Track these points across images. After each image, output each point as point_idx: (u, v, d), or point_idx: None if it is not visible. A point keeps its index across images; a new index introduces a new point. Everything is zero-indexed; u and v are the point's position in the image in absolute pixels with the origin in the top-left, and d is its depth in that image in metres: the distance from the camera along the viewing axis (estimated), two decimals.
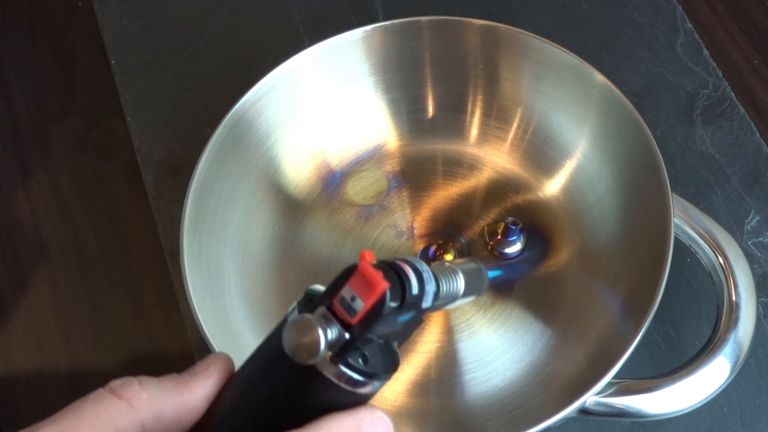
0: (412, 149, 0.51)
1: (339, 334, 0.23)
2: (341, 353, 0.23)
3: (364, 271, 0.23)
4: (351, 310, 0.23)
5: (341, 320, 0.23)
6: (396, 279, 0.25)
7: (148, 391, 0.24)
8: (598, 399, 0.38)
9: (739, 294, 0.40)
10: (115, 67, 0.59)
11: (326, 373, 0.23)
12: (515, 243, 0.47)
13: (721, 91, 0.55)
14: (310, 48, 0.47)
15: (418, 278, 0.26)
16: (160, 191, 0.54)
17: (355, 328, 0.23)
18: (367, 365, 0.24)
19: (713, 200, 0.51)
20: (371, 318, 0.23)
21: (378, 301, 0.23)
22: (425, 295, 0.26)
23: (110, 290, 0.52)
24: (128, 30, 0.60)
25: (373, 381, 0.24)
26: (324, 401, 0.24)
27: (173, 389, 0.25)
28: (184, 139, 0.55)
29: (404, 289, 0.25)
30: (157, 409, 0.24)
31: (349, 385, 0.23)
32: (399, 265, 0.25)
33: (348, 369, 0.23)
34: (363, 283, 0.23)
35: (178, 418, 0.25)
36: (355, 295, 0.23)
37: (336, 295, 0.23)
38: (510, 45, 0.47)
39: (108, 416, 0.24)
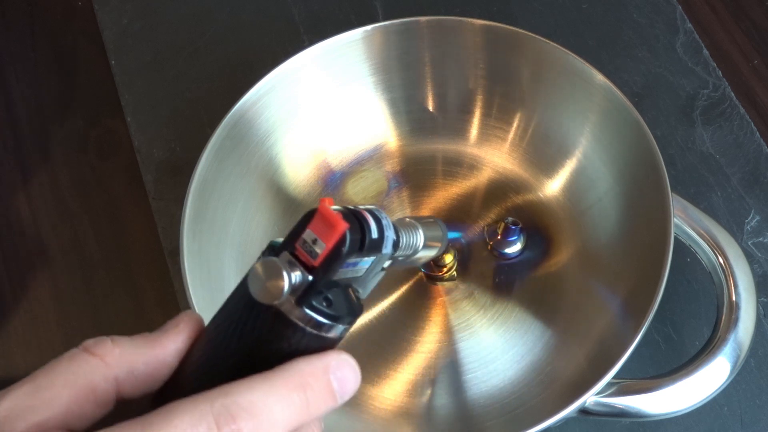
0: (412, 149, 0.51)
1: (302, 277, 0.24)
2: (305, 296, 0.24)
3: (324, 213, 0.24)
4: (312, 252, 0.24)
5: (304, 264, 0.24)
6: (356, 222, 0.25)
7: (121, 347, 0.25)
8: (598, 399, 0.38)
9: (739, 294, 0.40)
10: (115, 67, 0.59)
11: (291, 317, 0.24)
12: (515, 243, 0.47)
13: (721, 91, 0.55)
14: (310, 48, 0.47)
15: (377, 224, 0.26)
16: (160, 191, 0.54)
17: (318, 270, 0.24)
18: (331, 308, 0.24)
19: (713, 200, 0.51)
20: (333, 259, 0.24)
21: (338, 242, 0.24)
22: (385, 240, 0.27)
23: (110, 290, 0.52)
24: (128, 30, 0.60)
25: (337, 324, 0.25)
26: (291, 346, 0.24)
27: (145, 345, 0.25)
28: (184, 139, 0.55)
29: (363, 232, 0.25)
30: (130, 365, 0.25)
31: (315, 328, 0.24)
32: (358, 211, 0.26)
33: (312, 311, 0.24)
34: (323, 225, 0.24)
35: (150, 372, 0.25)
36: (317, 238, 0.24)
37: (298, 240, 0.24)
38: (510, 45, 0.47)
39: (82, 372, 0.24)
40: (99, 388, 0.24)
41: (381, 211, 0.27)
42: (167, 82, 0.58)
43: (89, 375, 0.24)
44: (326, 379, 0.24)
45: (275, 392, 0.23)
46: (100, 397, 0.24)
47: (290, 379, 0.24)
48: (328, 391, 0.24)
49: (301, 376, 0.24)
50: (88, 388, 0.24)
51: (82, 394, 0.24)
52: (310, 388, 0.24)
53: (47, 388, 0.24)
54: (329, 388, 0.24)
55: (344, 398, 0.25)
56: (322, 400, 0.24)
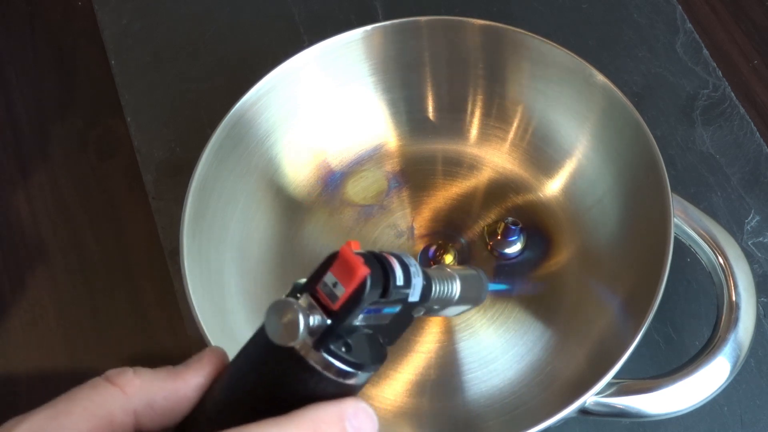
0: (412, 149, 0.51)
1: (321, 320, 0.23)
2: (323, 339, 0.23)
3: (345, 257, 0.24)
4: (332, 295, 0.24)
5: (324, 307, 0.24)
6: (378, 267, 0.25)
7: (142, 378, 0.25)
8: (598, 399, 0.38)
9: (739, 294, 0.40)
10: (115, 67, 0.59)
11: (309, 360, 0.23)
12: (515, 243, 0.47)
13: (721, 91, 0.55)
14: (310, 48, 0.47)
15: (404, 270, 0.26)
16: (160, 191, 0.54)
17: (337, 314, 0.24)
18: (350, 354, 0.24)
19: (713, 200, 0.51)
20: (352, 303, 0.24)
21: (359, 287, 0.24)
22: (412, 289, 0.26)
23: (110, 290, 0.52)
24: (128, 30, 0.60)
25: (356, 371, 0.24)
26: (308, 390, 0.24)
27: (166, 378, 0.25)
28: (184, 139, 0.55)
29: (387, 278, 0.25)
30: (150, 397, 0.25)
31: (332, 374, 0.24)
32: (383, 255, 0.26)
33: (330, 356, 0.24)
34: (344, 269, 0.24)
35: (170, 406, 0.25)
36: (337, 281, 0.24)
37: (319, 282, 0.24)
38: (510, 45, 0.47)
39: (101, 402, 0.24)
40: (117, 419, 0.24)
41: (410, 258, 0.27)
42: (167, 82, 0.58)
43: (108, 405, 0.24)
44: (341, 427, 0.24)
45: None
46: (118, 428, 0.24)
47: (302, 425, 0.23)
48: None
49: (314, 422, 0.24)
50: (106, 418, 0.24)
51: (101, 423, 0.24)
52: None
53: (66, 415, 0.24)
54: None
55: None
56: None
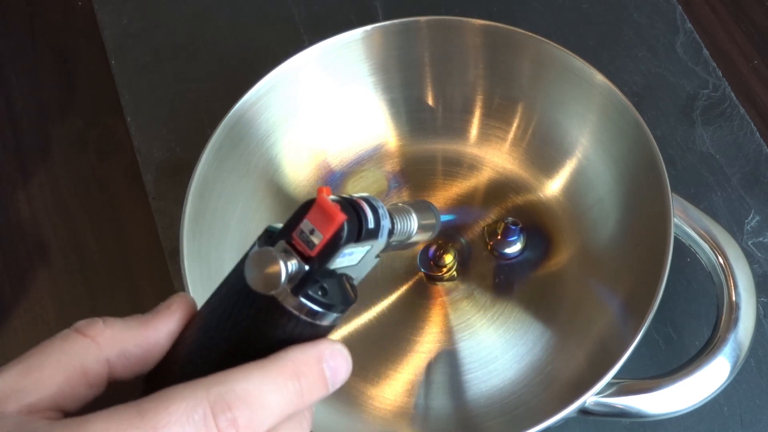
0: (412, 149, 0.51)
1: (299, 267, 0.24)
2: (301, 285, 0.24)
3: (323, 204, 0.24)
4: (310, 242, 0.24)
5: (300, 253, 0.24)
6: (353, 212, 0.25)
7: (113, 328, 0.25)
8: (598, 399, 0.38)
9: (739, 294, 0.40)
10: (115, 67, 0.59)
11: (287, 305, 0.24)
12: (515, 243, 0.47)
13: (721, 91, 0.55)
14: (310, 48, 0.47)
15: (374, 213, 0.26)
16: (160, 191, 0.54)
17: (314, 260, 0.24)
18: (326, 297, 0.25)
19: (713, 200, 0.51)
20: (329, 249, 0.24)
21: (336, 233, 0.24)
22: (381, 229, 0.27)
23: (110, 290, 0.52)
24: (128, 30, 0.60)
25: (331, 312, 0.25)
26: (285, 334, 0.24)
27: (137, 326, 0.25)
28: (184, 139, 0.55)
29: (360, 222, 0.25)
30: (122, 346, 0.25)
31: (309, 317, 0.24)
32: (355, 200, 0.26)
33: (308, 300, 0.24)
34: (321, 216, 0.24)
35: (142, 353, 0.25)
36: (314, 228, 0.24)
37: (295, 229, 0.24)
38: (510, 45, 0.47)
39: (74, 353, 0.24)
40: (91, 370, 0.24)
41: (377, 200, 0.27)
42: (167, 82, 0.58)
43: (81, 356, 0.24)
44: (319, 368, 0.25)
45: (270, 381, 0.23)
46: (92, 378, 0.24)
47: (285, 368, 0.24)
48: (321, 380, 0.25)
49: (295, 365, 0.24)
50: (80, 369, 0.24)
51: (74, 375, 0.24)
52: (304, 377, 0.24)
53: (39, 369, 0.24)
54: (322, 377, 0.25)
55: (335, 387, 0.25)
56: (315, 388, 0.25)
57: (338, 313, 0.25)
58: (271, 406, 0.23)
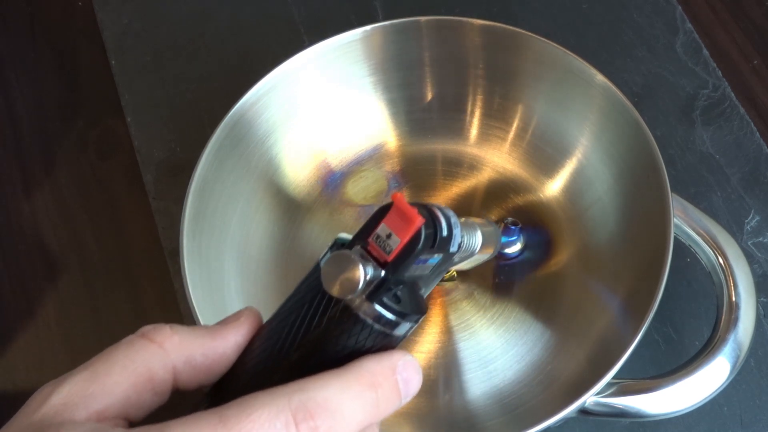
0: (412, 149, 0.51)
1: (375, 272, 0.23)
2: (376, 291, 0.23)
3: (402, 207, 0.24)
4: (386, 247, 0.24)
5: (376, 259, 0.24)
6: (429, 218, 0.25)
7: (180, 335, 0.24)
8: (598, 399, 0.38)
9: (739, 294, 0.40)
10: (115, 67, 0.59)
11: (360, 313, 0.23)
12: (515, 243, 0.47)
13: (721, 91, 0.55)
14: (310, 48, 0.47)
15: (447, 221, 0.26)
16: (160, 191, 0.54)
17: (391, 266, 0.24)
18: (400, 305, 0.24)
19: (713, 200, 0.51)
20: (407, 254, 0.24)
21: (414, 236, 0.24)
22: (453, 238, 0.26)
23: (110, 290, 0.52)
24: (128, 30, 0.60)
25: (404, 321, 0.24)
26: (357, 343, 0.24)
27: (205, 335, 0.25)
28: (184, 139, 0.55)
29: (436, 228, 0.25)
30: (189, 354, 0.24)
31: (383, 325, 0.24)
32: (430, 207, 0.26)
33: (383, 308, 0.24)
34: (399, 219, 0.24)
35: (209, 364, 0.25)
36: (391, 232, 0.24)
37: (371, 234, 0.24)
38: (510, 45, 0.47)
39: (140, 359, 0.24)
40: (157, 376, 0.24)
41: (448, 209, 0.27)
42: (167, 82, 0.58)
43: (148, 362, 0.24)
44: (394, 380, 0.24)
45: (349, 390, 0.23)
46: (158, 385, 0.24)
47: (362, 378, 0.23)
48: (395, 391, 0.24)
49: (372, 375, 0.24)
50: (146, 375, 0.23)
51: (141, 381, 0.23)
52: (381, 388, 0.24)
53: (106, 375, 0.23)
54: (396, 389, 0.24)
55: (408, 399, 0.25)
56: (390, 400, 0.24)
57: (412, 323, 0.25)
58: (350, 416, 0.23)
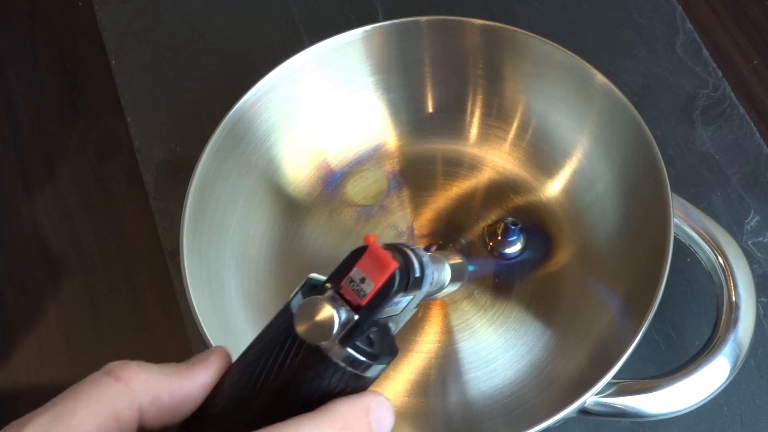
0: (412, 149, 0.51)
1: (348, 316, 0.23)
2: (349, 335, 0.23)
3: (376, 252, 0.24)
4: (360, 291, 0.24)
5: (349, 302, 0.24)
6: (402, 260, 0.25)
7: (147, 373, 0.24)
8: (598, 399, 0.38)
9: (739, 294, 0.40)
10: (115, 67, 0.59)
11: (332, 356, 0.23)
12: (515, 243, 0.47)
13: (721, 91, 0.55)
14: (310, 48, 0.47)
15: (419, 261, 0.26)
16: (160, 191, 0.54)
17: (364, 310, 0.23)
18: (372, 348, 0.24)
19: (713, 200, 0.51)
20: (381, 298, 0.24)
21: (388, 280, 0.24)
22: (425, 278, 0.27)
23: (110, 290, 0.52)
24: (128, 30, 0.60)
25: (377, 364, 0.24)
26: (330, 385, 0.24)
27: (172, 374, 0.25)
28: (184, 139, 0.55)
29: (409, 270, 0.25)
30: (156, 393, 0.24)
31: (355, 368, 0.24)
32: (401, 248, 0.26)
33: (356, 351, 0.24)
34: (373, 263, 0.24)
35: (175, 404, 0.24)
36: (365, 276, 0.24)
37: (344, 278, 0.24)
38: (510, 45, 0.47)
39: (106, 398, 0.23)
40: (123, 416, 0.23)
41: (419, 248, 0.27)
42: (167, 82, 0.58)
43: (113, 401, 0.23)
44: (367, 421, 0.24)
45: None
46: (124, 424, 0.23)
47: (335, 421, 0.23)
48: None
49: (345, 418, 0.24)
50: (112, 415, 0.23)
51: (106, 421, 0.23)
52: (353, 430, 0.24)
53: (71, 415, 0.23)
54: (370, 430, 0.24)
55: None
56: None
57: (384, 364, 0.25)
58: None
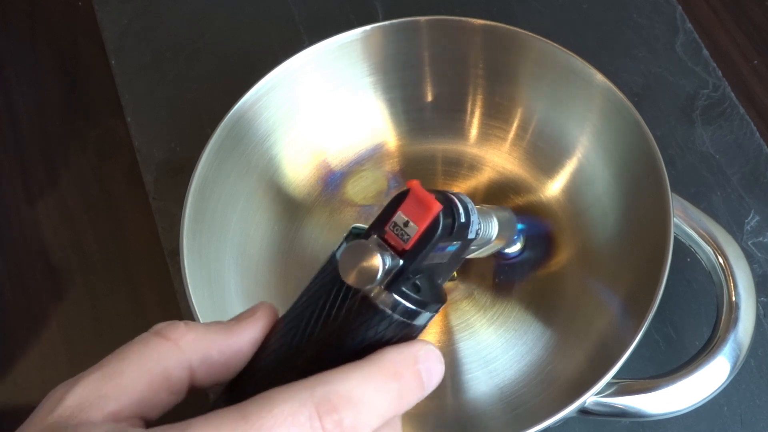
0: (412, 149, 0.51)
1: (393, 261, 0.23)
2: (395, 281, 0.23)
3: (418, 194, 0.23)
4: (404, 235, 0.23)
5: (393, 248, 0.23)
6: (447, 204, 0.24)
7: (195, 332, 0.24)
8: (598, 399, 0.38)
9: (739, 294, 0.40)
10: (115, 67, 0.59)
11: (379, 303, 0.23)
12: (515, 243, 0.47)
13: (721, 91, 0.55)
14: (309, 48, 0.47)
15: (464, 208, 0.25)
16: (160, 191, 0.54)
17: (409, 254, 0.23)
18: (419, 294, 0.24)
19: (713, 200, 0.51)
20: (425, 241, 0.23)
21: (433, 222, 0.23)
22: (471, 225, 0.26)
23: (110, 290, 0.52)
24: (128, 30, 0.60)
25: (424, 311, 0.24)
26: (377, 333, 0.23)
27: (220, 332, 0.24)
28: (184, 139, 0.55)
29: (453, 215, 0.25)
30: (205, 351, 0.24)
31: (403, 315, 0.23)
32: (446, 193, 0.25)
33: (402, 298, 0.23)
34: (416, 206, 0.23)
35: (225, 360, 0.24)
36: (408, 220, 0.23)
37: (388, 222, 0.23)
38: (510, 45, 0.47)
39: (155, 357, 0.23)
40: (173, 375, 0.23)
41: (465, 196, 0.26)
42: (167, 82, 0.58)
43: (163, 360, 0.23)
44: (416, 369, 0.24)
45: (372, 382, 0.23)
46: (175, 384, 0.23)
47: (384, 369, 0.23)
48: (418, 381, 0.24)
49: (394, 366, 0.23)
50: (162, 374, 0.23)
51: (157, 380, 0.23)
52: (403, 379, 0.23)
53: (120, 375, 0.23)
54: (419, 379, 0.24)
55: (430, 389, 0.24)
56: (413, 390, 0.24)
57: (432, 312, 0.24)
58: (374, 408, 0.22)
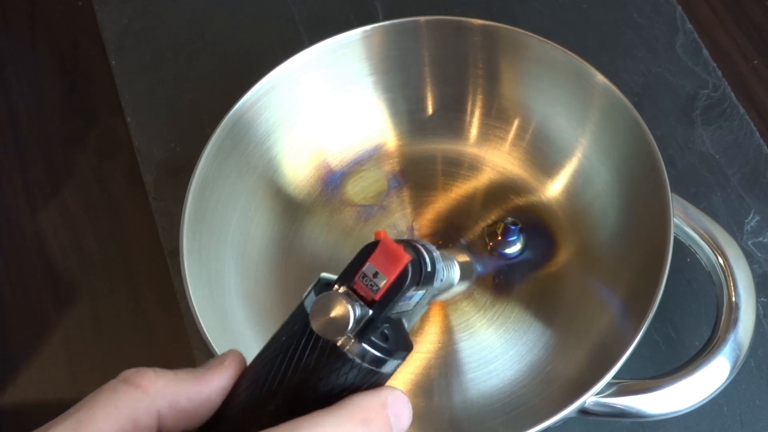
0: (412, 149, 0.51)
1: (362, 311, 0.23)
2: (364, 330, 0.23)
3: (388, 245, 0.24)
4: (374, 285, 0.24)
5: (363, 298, 0.24)
6: (414, 254, 0.25)
7: (164, 379, 0.24)
8: (598, 399, 0.38)
9: (739, 294, 0.40)
10: (115, 67, 0.59)
11: (348, 352, 0.23)
12: (515, 243, 0.47)
13: (721, 91, 0.55)
14: (310, 48, 0.47)
15: (429, 256, 0.26)
16: (160, 191, 0.54)
17: (378, 304, 0.24)
18: (387, 343, 0.24)
19: (713, 200, 0.51)
20: (394, 291, 0.24)
21: (402, 273, 0.24)
22: (436, 273, 0.27)
23: (110, 290, 0.52)
24: (128, 30, 0.60)
25: (393, 359, 0.24)
26: (346, 381, 0.24)
27: (189, 380, 0.25)
28: (184, 139, 0.55)
29: (421, 265, 0.25)
30: (173, 398, 0.24)
31: (371, 364, 0.24)
32: (412, 243, 0.26)
33: (370, 346, 0.24)
34: (386, 257, 0.24)
35: (194, 408, 0.24)
36: (378, 271, 0.24)
37: (357, 273, 0.24)
38: (510, 45, 0.47)
39: (124, 405, 0.23)
40: (142, 422, 0.23)
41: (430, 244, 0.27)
42: (167, 82, 0.58)
43: (131, 408, 0.23)
44: (385, 415, 0.24)
45: (342, 428, 0.23)
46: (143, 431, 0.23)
47: (354, 415, 0.23)
48: (387, 426, 0.24)
49: (364, 412, 0.24)
50: (131, 421, 0.23)
51: (125, 427, 0.23)
52: (373, 424, 0.24)
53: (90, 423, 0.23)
54: (388, 424, 0.24)
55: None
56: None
57: (399, 360, 0.25)
58: None
